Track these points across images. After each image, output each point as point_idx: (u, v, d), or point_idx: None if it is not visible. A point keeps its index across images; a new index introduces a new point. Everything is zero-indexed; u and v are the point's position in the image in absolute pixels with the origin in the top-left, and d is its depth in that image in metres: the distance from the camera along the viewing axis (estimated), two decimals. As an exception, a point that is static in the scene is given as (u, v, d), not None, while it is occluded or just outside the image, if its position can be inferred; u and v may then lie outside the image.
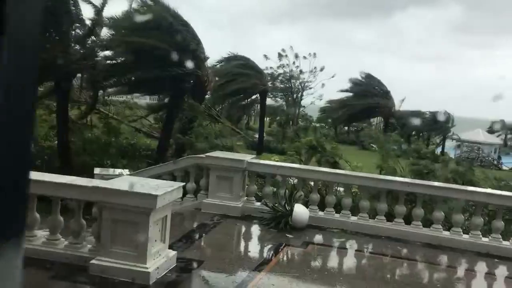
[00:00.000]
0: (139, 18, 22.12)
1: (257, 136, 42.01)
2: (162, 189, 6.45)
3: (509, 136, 62.57)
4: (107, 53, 22.59)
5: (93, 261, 6.40)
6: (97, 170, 15.95)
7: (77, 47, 21.00)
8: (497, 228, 9.32)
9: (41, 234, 7.03)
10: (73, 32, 21.33)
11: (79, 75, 23.29)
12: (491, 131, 61.67)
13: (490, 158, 52.14)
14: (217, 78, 32.82)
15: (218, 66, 37.50)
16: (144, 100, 35.48)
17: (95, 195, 6.44)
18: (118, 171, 16.05)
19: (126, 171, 15.47)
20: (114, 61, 22.04)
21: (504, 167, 49.36)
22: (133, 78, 21.96)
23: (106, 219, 6.41)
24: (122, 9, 22.69)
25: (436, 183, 10.38)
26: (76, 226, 6.92)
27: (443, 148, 56.58)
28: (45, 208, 7.09)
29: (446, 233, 9.57)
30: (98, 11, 21.50)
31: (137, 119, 30.12)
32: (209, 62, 25.04)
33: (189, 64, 20.39)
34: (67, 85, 20.64)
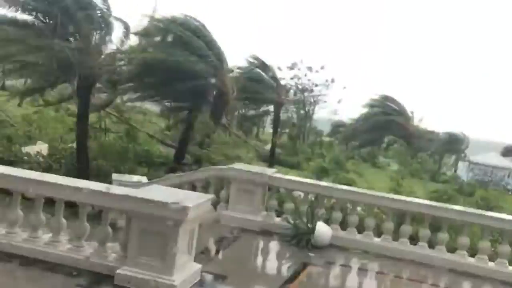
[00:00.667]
0: (160, 32, 22.21)
1: (265, 147, 41.72)
2: (193, 200, 6.37)
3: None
4: (126, 62, 22.69)
5: (119, 271, 6.31)
6: (115, 176, 15.92)
7: (100, 52, 21.09)
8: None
9: (65, 239, 6.96)
10: (96, 37, 21.44)
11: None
12: (505, 154, 61.00)
13: (503, 183, 51.60)
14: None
15: (237, 73, 36.52)
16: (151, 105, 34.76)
17: (125, 203, 6.36)
18: (135, 177, 16.02)
19: (144, 178, 15.42)
20: (134, 71, 22.09)
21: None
22: (152, 89, 22.01)
23: (134, 228, 6.32)
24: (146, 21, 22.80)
25: (462, 208, 10.17)
26: (101, 234, 6.84)
27: (455, 170, 56.18)
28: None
29: (471, 259, 9.36)
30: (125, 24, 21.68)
31: (153, 127, 30.16)
32: (232, 67, 24.90)
33: (211, 76, 20.44)
34: (89, 88, 20.69)
